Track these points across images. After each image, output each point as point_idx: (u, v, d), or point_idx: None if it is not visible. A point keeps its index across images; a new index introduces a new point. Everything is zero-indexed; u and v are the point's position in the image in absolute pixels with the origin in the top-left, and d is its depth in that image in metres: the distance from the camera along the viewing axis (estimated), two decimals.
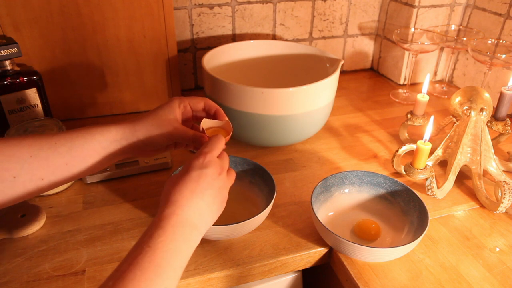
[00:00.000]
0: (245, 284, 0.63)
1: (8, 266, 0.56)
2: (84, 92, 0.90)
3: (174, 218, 0.42)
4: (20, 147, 0.45)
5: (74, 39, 0.83)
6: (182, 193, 0.44)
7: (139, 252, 0.38)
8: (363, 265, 0.57)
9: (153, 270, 0.38)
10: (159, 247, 0.39)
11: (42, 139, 0.46)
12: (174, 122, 0.53)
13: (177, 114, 0.54)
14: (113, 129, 0.50)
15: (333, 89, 0.79)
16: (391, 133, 0.91)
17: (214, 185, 0.46)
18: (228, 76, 0.81)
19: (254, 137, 0.78)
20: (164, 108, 0.53)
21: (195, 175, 0.45)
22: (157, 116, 0.52)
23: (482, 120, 0.71)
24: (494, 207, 0.66)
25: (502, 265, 0.58)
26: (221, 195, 0.48)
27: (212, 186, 0.46)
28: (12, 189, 0.44)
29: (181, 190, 0.44)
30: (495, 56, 0.88)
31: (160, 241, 0.40)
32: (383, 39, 1.17)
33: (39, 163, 0.45)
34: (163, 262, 0.39)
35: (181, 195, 0.44)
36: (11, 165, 0.44)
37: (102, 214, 0.65)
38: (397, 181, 0.65)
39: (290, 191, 0.72)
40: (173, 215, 0.42)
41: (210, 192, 0.46)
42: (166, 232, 0.41)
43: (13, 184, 0.44)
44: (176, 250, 0.41)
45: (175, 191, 0.44)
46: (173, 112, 0.53)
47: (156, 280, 0.38)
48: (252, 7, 1.03)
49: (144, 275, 0.37)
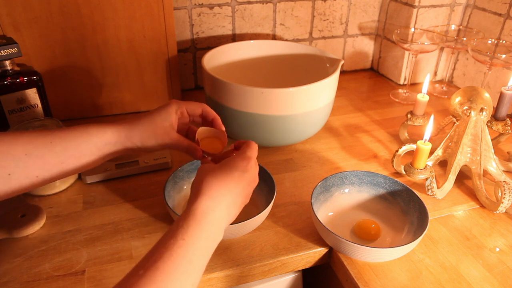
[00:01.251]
0: (245, 284, 0.63)
1: (8, 266, 0.56)
2: (84, 92, 0.90)
3: (211, 214, 0.42)
4: (15, 144, 0.44)
5: (74, 39, 0.83)
6: (221, 190, 0.44)
7: (173, 243, 0.38)
8: (363, 265, 0.57)
9: (185, 265, 0.37)
10: (194, 242, 0.39)
11: (37, 138, 0.46)
12: (169, 130, 0.53)
13: (173, 120, 0.53)
14: (109, 131, 0.50)
15: (333, 89, 0.79)
16: (391, 133, 0.91)
17: (246, 190, 0.47)
18: (228, 76, 0.81)
19: (254, 137, 0.77)
20: (161, 113, 0.53)
21: (236, 175, 0.45)
22: (153, 122, 0.52)
23: (482, 120, 0.71)
24: (494, 207, 0.66)
25: (502, 265, 0.58)
26: (246, 201, 0.49)
27: (245, 191, 0.47)
28: (6, 185, 0.44)
29: (221, 186, 0.44)
30: (495, 56, 0.88)
31: (196, 237, 0.39)
32: (383, 39, 1.17)
33: (34, 162, 0.45)
34: (194, 258, 0.38)
35: (220, 191, 0.44)
36: (6, 162, 0.44)
37: (102, 214, 0.65)
38: (397, 181, 0.65)
39: (290, 191, 0.72)
40: (211, 211, 0.42)
41: (241, 196, 0.46)
42: (202, 229, 0.40)
43: (8, 181, 0.44)
44: (206, 248, 0.41)
45: (213, 185, 0.44)
46: (169, 119, 0.53)
47: (186, 275, 0.37)
48: (252, 7, 1.03)
49: (176, 269, 0.37)
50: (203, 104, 0.57)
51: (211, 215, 0.42)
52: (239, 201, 0.46)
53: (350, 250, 0.55)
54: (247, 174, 0.47)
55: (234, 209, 0.46)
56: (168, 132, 0.52)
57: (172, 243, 0.38)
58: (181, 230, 0.39)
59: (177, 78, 0.95)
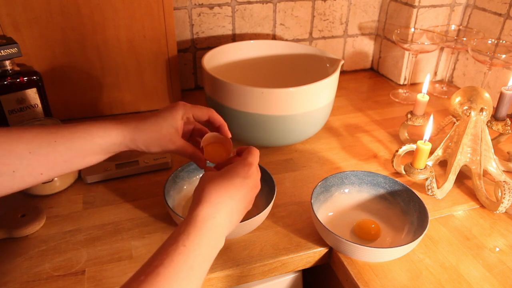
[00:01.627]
0: (245, 284, 0.63)
1: (8, 266, 0.56)
2: (84, 92, 0.90)
3: (212, 221, 0.42)
4: (19, 142, 0.45)
5: (74, 39, 0.83)
6: (222, 196, 0.44)
7: (174, 249, 0.38)
8: (363, 265, 0.57)
9: (186, 272, 0.38)
10: (195, 248, 0.39)
11: (42, 136, 0.46)
12: (174, 137, 0.53)
13: (179, 127, 0.53)
14: (114, 134, 0.50)
15: (333, 89, 0.79)
16: (391, 133, 0.91)
17: (248, 197, 0.47)
18: (228, 76, 0.81)
19: (254, 137, 0.77)
20: (166, 118, 0.52)
21: (238, 182, 0.46)
22: (158, 128, 0.52)
23: (482, 120, 0.71)
24: (494, 207, 0.66)
25: (502, 265, 0.58)
26: (248, 207, 0.49)
27: (246, 197, 0.47)
28: (11, 182, 0.44)
29: (222, 192, 0.44)
30: (495, 56, 0.88)
31: (197, 243, 0.40)
32: (383, 39, 1.17)
33: (38, 160, 0.45)
34: (195, 265, 0.39)
35: (221, 198, 0.44)
36: (11, 160, 0.44)
37: (102, 214, 0.65)
38: (397, 181, 0.65)
39: (290, 191, 0.71)
40: (212, 218, 0.42)
41: (243, 203, 0.47)
42: (203, 235, 0.41)
43: (12, 178, 0.44)
44: (208, 255, 0.41)
45: (215, 191, 0.44)
46: (174, 125, 0.52)
47: (187, 281, 0.38)
48: (252, 7, 1.03)
49: (177, 275, 0.37)
50: (210, 110, 0.56)
51: (212, 221, 0.42)
52: (241, 208, 0.46)
53: (350, 250, 0.55)
54: (249, 180, 0.47)
55: (235, 215, 0.46)
56: (173, 139, 0.52)
57: (173, 249, 0.38)
58: (182, 237, 0.39)
59: (177, 78, 0.95)
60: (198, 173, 0.70)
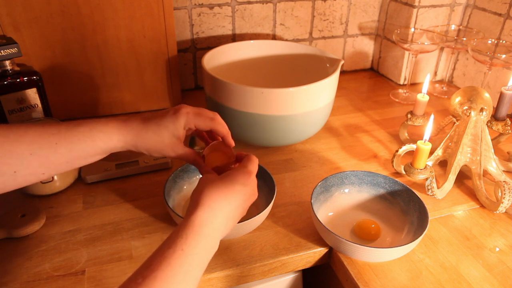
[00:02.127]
0: (245, 284, 0.63)
1: (8, 266, 0.56)
2: (84, 92, 0.90)
3: (209, 226, 0.43)
4: (20, 143, 0.45)
5: (74, 39, 0.83)
6: (221, 201, 0.44)
7: (171, 253, 0.39)
8: (363, 265, 0.57)
9: (182, 275, 0.38)
10: (193, 253, 0.40)
11: (42, 138, 0.46)
12: (175, 145, 0.52)
13: (181, 135, 0.52)
14: (115, 138, 0.50)
15: (333, 89, 0.79)
16: (391, 133, 0.91)
17: (244, 204, 0.48)
18: (228, 76, 0.81)
19: (254, 137, 0.77)
20: (168, 127, 0.51)
21: (237, 189, 0.46)
22: (160, 137, 0.51)
23: (482, 120, 0.71)
24: (494, 207, 0.66)
25: (502, 265, 0.58)
26: (243, 214, 0.49)
27: (243, 204, 0.47)
28: (13, 181, 0.45)
29: (221, 198, 0.45)
30: (495, 56, 0.88)
31: (194, 248, 0.40)
32: (383, 39, 1.17)
33: (39, 161, 0.46)
34: (191, 269, 0.39)
35: (219, 203, 0.44)
36: (12, 160, 0.44)
37: (102, 214, 0.65)
38: (397, 181, 0.65)
39: (290, 191, 0.71)
40: (209, 223, 0.43)
41: (239, 210, 0.47)
42: (200, 240, 0.41)
43: (14, 178, 0.45)
44: (203, 259, 0.42)
45: (213, 196, 0.44)
46: (176, 134, 0.52)
47: (183, 284, 0.39)
48: (252, 7, 1.03)
49: (173, 278, 0.38)
50: (213, 122, 0.53)
51: (209, 226, 0.43)
52: (237, 214, 0.47)
53: (350, 250, 0.55)
54: (248, 188, 0.47)
55: (231, 221, 0.46)
56: (174, 148, 0.52)
57: (171, 253, 0.39)
58: (180, 241, 0.40)
59: (177, 78, 0.95)
60: (198, 173, 0.70)
